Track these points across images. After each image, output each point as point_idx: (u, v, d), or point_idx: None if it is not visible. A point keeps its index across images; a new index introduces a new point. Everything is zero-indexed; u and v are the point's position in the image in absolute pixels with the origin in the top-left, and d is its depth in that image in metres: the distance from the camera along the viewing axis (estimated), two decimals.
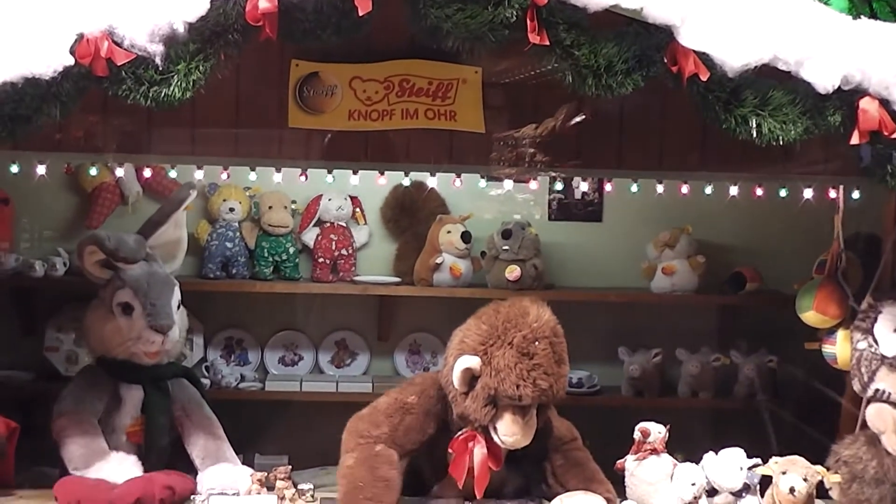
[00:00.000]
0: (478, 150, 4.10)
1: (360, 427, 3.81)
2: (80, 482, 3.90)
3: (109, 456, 4.04)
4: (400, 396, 3.88)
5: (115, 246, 4.20)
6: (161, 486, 3.84)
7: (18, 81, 3.23)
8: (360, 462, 3.69)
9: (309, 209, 5.72)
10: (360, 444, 3.75)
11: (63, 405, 4.21)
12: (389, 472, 3.69)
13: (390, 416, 3.82)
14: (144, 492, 3.80)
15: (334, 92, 3.93)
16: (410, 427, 3.82)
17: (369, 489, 3.60)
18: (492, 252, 5.63)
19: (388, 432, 3.78)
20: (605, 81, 3.49)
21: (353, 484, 3.63)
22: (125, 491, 3.80)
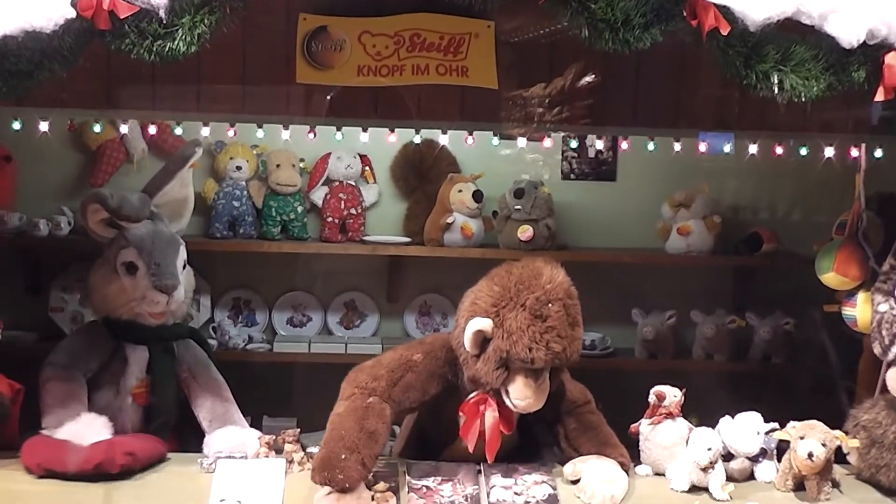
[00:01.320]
0: (490, 106, 4.02)
1: (359, 377, 3.76)
2: (45, 443, 3.84)
3: (80, 417, 3.97)
4: (406, 353, 3.83)
5: (118, 204, 4.13)
6: (122, 452, 3.74)
7: (18, 35, 3.19)
8: (350, 411, 3.64)
9: (317, 168, 5.66)
10: (355, 394, 3.70)
11: (54, 357, 4.19)
12: (376, 424, 3.63)
13: (391, 371, 3.76)
14: (106, 456, 3.71)
15: (343, 47, 3.86)
16: (410, 385, 3.76)
17: (351, 438, 3.53)
18: (504, 212, 5.57)
19: (385, 386, 3.72)
20: (622, 36, 3.41)
21: (336, 431, 3.57)
22: (87, 456, 3.72)
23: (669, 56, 3.88)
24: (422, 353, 3.81)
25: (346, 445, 3.51)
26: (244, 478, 3.75)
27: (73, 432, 3.87)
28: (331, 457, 3.49)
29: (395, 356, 3.82)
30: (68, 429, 3.89)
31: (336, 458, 3.48)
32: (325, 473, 3.46)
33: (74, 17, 3.19)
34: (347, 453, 3.49)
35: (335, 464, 3.46)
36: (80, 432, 3.87)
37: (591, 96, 4.05)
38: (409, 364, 3.78)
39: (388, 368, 3.77)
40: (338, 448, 3.51)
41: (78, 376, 4.14)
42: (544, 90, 4.04)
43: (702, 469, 3.79)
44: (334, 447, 3.52)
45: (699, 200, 5.61)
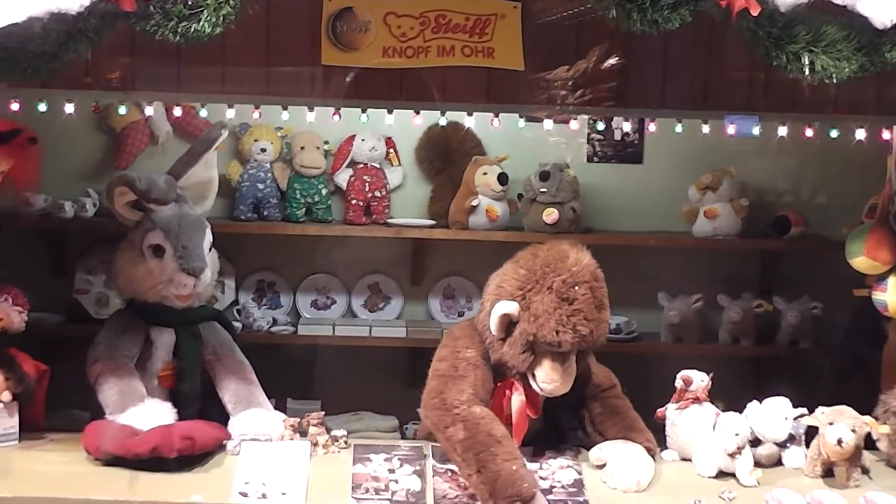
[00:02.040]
0: (516, 88, 4.00)
1: (448, 399, 3.64)
2: (105, 426, 3.86)
3: (144, 401, 3.98)
4: (458, 354, 3.76)
5: (146, 187, 4.12)
6: (180, 437, 3.73)
7: (44, 17, 3.17)
8: (473, 429, 3.53)
9: (342, 150, 5.64)
10: (459, 415, 3.58)
11: (98, 351, 4.16)
12: (502, 427, 3.57)
13: (465, 377, 3.69)
14: (162, 441, 3.71)
15: (368, 28, 3.85)
16: (484, 379, 3.72)
17: (503, 451, 3.47)
18: (529, 194, 5.54)
19: (472, 393, 3.65)
20: (650, 16, 3.37)
21: (485, 452, 3.46)
22: (143, 439, 3.73)
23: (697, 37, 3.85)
24: (470, 347, 3.76)
25: (504, 459, 3.45)
26: (269, 460, 3.76)
27: (137, 416, 3.87)
28: (503, 475, 3.41)
29: (452, 362, 3.74)
30: (132, 413, 3.89)
31: (509, 474, 3.41)
32: (509, 492, 3.38)
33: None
34: (513, 463, 3.44)
35: (514, 479, 3.40)
36: (143, 416, 3.86)
37: (617, 78, 4.03)
38: (470, 362, 3.73)
39: (460, 377, 3.69)
40: (500, 464, 3.43)
41: (126, 363, 4.12)
42: (567, 72, 4.02)
43: (729, 454, 3.77)
44: (496, 466, 3.43)
45: (726, 183, 5.56)
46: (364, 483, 3.67)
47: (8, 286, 4.03)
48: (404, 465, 3.74)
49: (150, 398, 4.01)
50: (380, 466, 3.76)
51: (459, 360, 3.75)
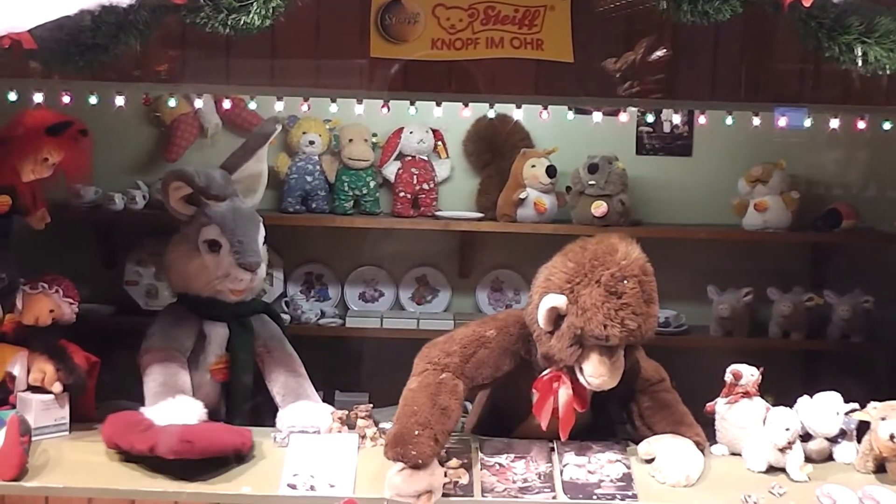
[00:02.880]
0: (566, 80, 3.99)
1: (432, 353, 3.74)
2: (122, 418, 3.85)
3: (177, 397, 3.94)
4: (479, 329, 3.80)
5: (205, 183, 4.12)
6: (179, 439, 3.64)
7: (96, 9, 3.19)
8: (423, 387, 3.63)
9: (390, 142, 5.64)
10: (427, 370, 3.69)
11: (150, 341, 4.19)
12: (449, 400, 3.61)
13: (464, 347, 3.74)
14: (161, 440, 3.65)
15: (417, 20, 3.85)
16: (483, 361, 3.74)
17: (423, 414, 3.52)
18: (577, 187, 5.52)
19: (458, 362, 3.70)
20: (701, 7, 3.35)
21: (409, 407, 3.56)
22: (144, 437, 3.70)
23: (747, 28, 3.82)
24: (495, 330, 3.78)
25: (418, 421, 3.50)
26: (317, 452, 3.77)
27: (163, 412, 3.85)
28: (403, 433, 3.47)
29: (468, 332, 3.79)
30: (160, 407, 3.88)
31: (409, 434, 3.46)
32: (397, 449, 3.44)
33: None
34: (420, 429, 3.47)
35: (408, 440, 3.45)
36: (169, 413, 3.84)
37: (666, 70, 4.00)
38: (481, 340, 3.75)
39: (460, 344, 3.74)
40: (410, 424, 3.49)
41: (176, 356, 4.14)
42: (616, 64, 4.00)
43: (779, 449, 3.74)
44: (407, 423, 3.50)
45: (777, 176, 5.51)
46: None
47: (59, 278, 4.06)
48: (452, 457, 3.73)
49: (186, 394, 4.00)
50: None
51: (475, 333, 3.78)
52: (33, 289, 4.00)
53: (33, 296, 4.00)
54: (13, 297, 3.97)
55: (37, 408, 3.86)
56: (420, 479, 3.44)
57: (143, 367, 4.09)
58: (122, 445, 3.73)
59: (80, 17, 3.21)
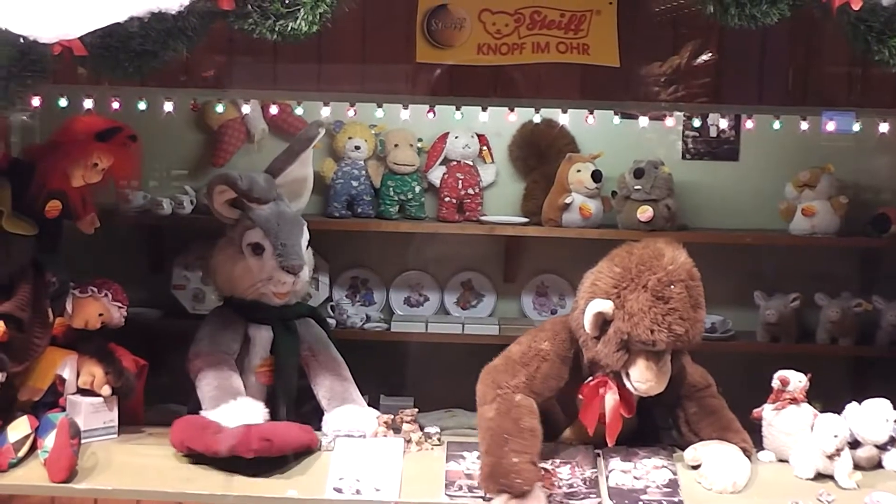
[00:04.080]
0: (612, 85, 3.98)
1: (498, 378, 3.71)
2: (193, 421, 3.89)
3: (237, 399, 3.99)
4: (533, 343, 3.79)
5: (248, 186, 4.16)
6: (259, 437, 3.70)
7: (145, 16, 3.20)
8: (503, 413, 3.60)
9: (435, 147, 5.64)
10: (500, 395, 3.65)
11: (199, 346, 4.22)
12: (532, 421, 3.60)
13: (526, 365, 3.73)
14: (240, 441, 3.70)
15: (463, 25, 3.86)
16: (547, 374, 3.73)
17: (516, 441, 3.51)
18: (623, 192, 5.50)
19: (525, 381, 3.69)
20: (748, 11, 3.32)
21: (498, 436, 3.53)
22: (222, 438, 3.74)
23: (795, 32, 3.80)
24: (548, 341, 3.77)
25: (513, 449, 3.49)
26: (363, 456, 3.78)
27: (227, 413, 3.88)
28: (502, 463, 3.46)
29: (524, 349, 3.78)
30: (223, 410, 3.91)
31: (508, 464, 3.45)
32: (501, 481, 3.43)
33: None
34: (518, 456, 3.47)
35: (509, 469, 3.44)
36: (233, 414, 3.87)
37: (713, 74, 3.99)
38: (540, 354, 3.74)
39: (521, 363, 3.73)
40: (506, 453, 3.48)
41: (227, 359, 4.18)
42: (663, 68, 3.99)
43: (827, 456, 3.71)
44: (501, 453, 3.49)
45: (824, 181, 5.47)
46: (457, 480, 3.67)
47: (108, 282, 4.09)
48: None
49: (244, 396, 4.04)
50: (473, 464, 3.75)
51: (531, 348, 3.77)
52: (83, 293, 4.04)
53: (83, 299, 4.04)
54: (63, 300, 4.01)
55: (86, 410, 3.90)
56: None
57: (194, 371, 4.12)
58: (196, 448, 3.77)
59: (130, 24, 3.22)
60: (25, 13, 3.10)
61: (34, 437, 3.77)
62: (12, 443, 3.71)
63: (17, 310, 3.75)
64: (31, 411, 3.87)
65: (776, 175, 5.61)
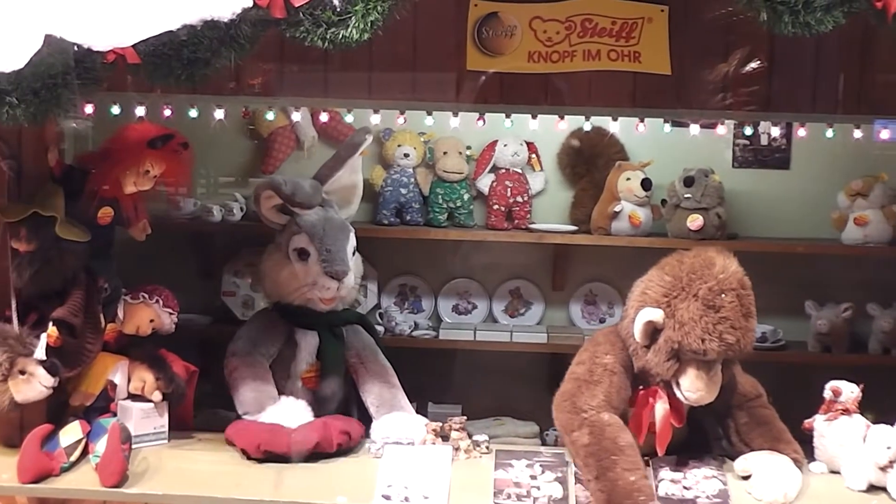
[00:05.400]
0: (663, 93, 3.96)
1: (578, 403, 3.66)
2: (256, 426, 3.93)
3: (280, 400, 4.07)
4: (596, 359, 3.75)
5: (291, 191, 4.19)
6: (338, 431, 3.89)
7: (198, 24, 3.22)
8: (598, 435, 3.56)
9: (484, 155, 5.64)
10: (587, 419, 3.61)
11: (236, 346, 4.27)
12: (628, 437, 3.58)
13: (599, 383, 3.69)
14: (323, 436, 3.85)
15: (514, 33, 3.86)
16: (619, 387, 3.70)
17: (623, 459, 3.48)
18: (673, 200, 5.47)
19: (604, 399, 3.65)
20: (802, 19, 3.28)
21: (605, 459, 3.49)
22: (305, 435, 3.85)
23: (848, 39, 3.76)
24: (610, 354, 3.74)
25: (624, 468, 3.46)
26: (411, 464, 3.78)
27: (278, 414, 3.96)
28: (621, 484, 3.43)
29: (589, 367, 3.74)
30: (272, 412, 3.98)
31: (626, 484, 3.43)
32: (626, 502, 3.40)
33: (251, 6, 3.22)
34: (632, 474, 3.45)
35: (630, 489, 3.42)
36: (284, 414, 3.96)
37: (764, 81, 3.96)
38: (607, 369, 3.71)
39: (594, 382, 3.69)
40: (621, 473, 3.45)
41: (262, 362, 4.22)
42: (714, 76, 3.97)
43: (880, 468, 3.67)
44: (614, 475, 3.45)
45: (878, 189, 5.41)
46: (506, 489, 3.66)
47: (159, 288, 4.13)
48: (546, 471, 3.72)
49: (283, 396, 4.10)
50: (521, 472, 3.75)
51: (596, 365, 3.73)
52: (134, 299, 4.08)
53: (134, 305, 4.07)
54: (115, 306, 4.05)
55: (137, 416, 3.93)
56: None
57: (230, 370, 4.19)
58: (277, 450, 3.83)
59: (182, 32, 3.24)
60: (79, 21, 3.13)
61: (86, 442, 3.81)
62: (64, 447, 3.75)
63: (70, 315, 3.79)
64: (83, 416, 3.92)
65: (828, 184, 5.56)
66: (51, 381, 3.69)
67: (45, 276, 3.79)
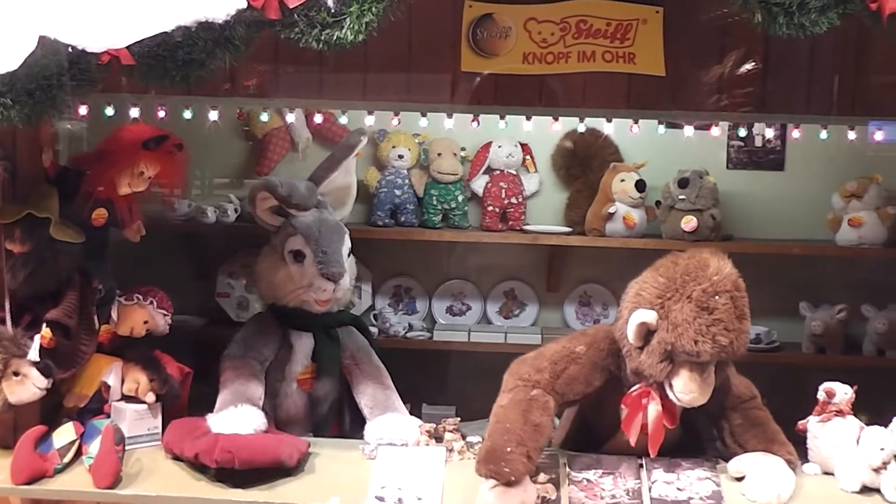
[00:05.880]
0: (657, 94, 3.97)
1: (522, 369, 3.73)
2: (185, 424, 3.91)
3: (241, 406, 3.96)
4: (569, 345, 3.78)
5: (287, 192, 4.19)
6: (221, 448, 3.64)
7: (192, 26, 3.22)
8: (514, 404, 3.62)
9: (478, 156, 5.65)
10: (518, 386, 3.68)
11: (231, 350, 4.26)
12: (541, 417, 3.59)
13: (555, 363, 3.72)
14: (203, 449, 3.67)
15: (509, 34, 3.86)
16: (574, 377, 3.72)
17: (516, 431, 3.51)
18: (667, 201, 5.48)
19: (548, 378, 3.69)
20: (797, 20, 3.28)
21: (501, 424, 3.55)
22: (192, 445, 3.73)
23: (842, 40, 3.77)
24: (585, 345, 3.76)
25: (511, 438, 3.48)
26: (405, 465, 3.77)
27: (223, 420, 3.89)
28: (496, 449, 3.46)
29: (558, 348, 3.78)
30: (222, 416, 3.92)
31: (501, 451, 3.45)
32: (490, 466, 3.42)
33: (246, 8, 3.22)
34: (513, 446, 3.46)
35: (501, 457, 3.43)
36: (228, 421, 3.87)
37: (759, 83, 3.96)
38: (572, 356, 3.73)
39: (550, 360, 3.73)
40: (503, 441, 3.48)
41: (253, 365, 4.20)
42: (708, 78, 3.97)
43: (874, 469, 3.66)
44: (499, 440, 3.49)
45: (872, 191, 5.43)
46: None
47: (153, 289, 4.12)
48: (540, 472, 3.71)
49: (251, 404, 4.00)
50: None
51: (565, 349, 3.76)
52: (128, 300, 4.07)
53: (128, 307, 4.07)
54: (109, 308, 4.04)
55: (130, 417, 3.91)
56: (513, 496, 3.42)
57: (221, 373, 4.17)
58: (174, 451, 3.80)
59: (177, 33, 3.24)
60: (74, 23, 3.13)
61: (79, 444, 3.79)
62: (58, 449, 3.73)
63: (65, 317, 3.78)
64: (77, 418, 3.90)
65: (822, 185, 5.58)
66: (44, 382, 3.69)
67: (40, 277, 3.78)
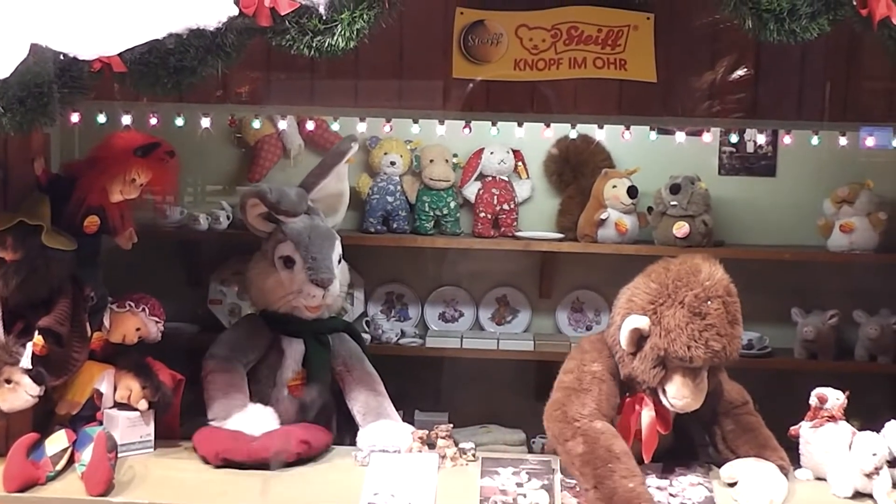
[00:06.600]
0: (649, 100, 3.98)
1: (569, 412, 3.63)
2: (219, 433, 3.93)
3: (247, 407, 4.06)
4: (583, 367, 3.73)
5: (277, 199, 4.20)
6: (297, 440, 3.87)
7: (184, 33, 3.22)
8: (593, 443, 3.53)
9: (470, 163, 5.65)
10: (580, 429, 3.58)
11: (216, 349, 4.28)
12: (622, 444, 3.55)
13: (588, 391, 3.67)
14: (282, 445, 3.82)
15: (500, 40, 3.86)
16: (609, 394, 3.68)
17: (620, 466, 3.46)
18: (659, 207, 5.48)
19: (595, 407, 3.63)
20: (787, 26, 3.29)
21: (603, 467, 3.47)
22: (263, 444, 3.83)
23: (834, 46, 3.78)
24: (597, 362, 3.73)
25: (622, 475, 3.44)
26: (397, 472, 3.77)
27: (243, 422, 3.96)
28: (620, 492, 3.41)
29: (577, 375, 3.72)
30: (237, 419, 3.98)
31: (625, 491, 3.41)
32: None
33: (237, 15, 3.22)
34: (631, 481, 3.43)
35: (629, 496, 3.39)
36: (249, 422, 3.96)
37: (750, 89, 3.97)
38: (595, 376, 3.69)
39: (584, 391, 3.67)
40: (619, 480, 3.43)
41: (238, 367, 4.22)
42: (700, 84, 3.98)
43: (866, 475, 3.67)
44: (612, 483, 3.43)
45: (863, 197, 5.43)
46: (492, 496, 3.65)
47: (145, 297, 4.11)
48: (532, 479, 3.71)
49: (252, 404, 4.09)
50: (508, 480, 3.74)
51: (585, 373, 3.72)
52: (120, 307, 4.06)
53: (120, 314, 4.06)
54: (101, 315, 4.04)
55: (123, 424, 3.91)
56: None
57: (205, 372, 4.19)
58: (237, 458, 3.81)
59: (168, 41, 3.24)
60: (65, 30, 3.13)
61: (72, 451, 3.78)
62: (50, 456, 3.72)
63: (57, 324, 3.78)
64: (69, 425, 3.89)
65: (814, 191, 5.58)
66: (37, 389, 3.69)
67: (32, 284, 3.78)
